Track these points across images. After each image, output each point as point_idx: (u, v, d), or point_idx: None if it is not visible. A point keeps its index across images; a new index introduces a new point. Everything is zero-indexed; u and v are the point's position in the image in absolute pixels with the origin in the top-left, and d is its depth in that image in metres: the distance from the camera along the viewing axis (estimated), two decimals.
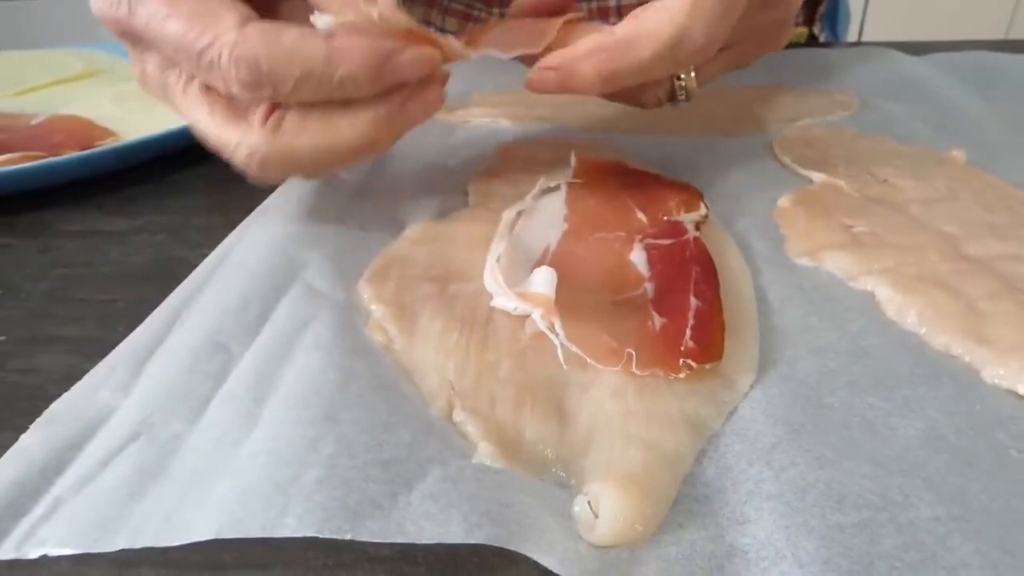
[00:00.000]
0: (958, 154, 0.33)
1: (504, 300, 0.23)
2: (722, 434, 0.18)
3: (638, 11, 0.26)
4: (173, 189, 0.37)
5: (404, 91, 0.24)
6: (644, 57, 0.25)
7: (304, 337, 0.21)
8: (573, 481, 0.17)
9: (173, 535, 0.15)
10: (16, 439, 0.19)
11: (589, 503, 0.16)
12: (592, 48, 0.25)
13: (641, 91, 0.30)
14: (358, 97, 0.23)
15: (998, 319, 0.21)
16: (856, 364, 0.20)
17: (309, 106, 0.23)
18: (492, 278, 0.24)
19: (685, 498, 0.16)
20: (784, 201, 0.30)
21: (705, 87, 0.32)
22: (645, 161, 0.36)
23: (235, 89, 0.22)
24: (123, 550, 0.15)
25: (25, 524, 0.16)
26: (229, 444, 0.17)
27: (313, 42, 0.22)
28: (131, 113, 0.46)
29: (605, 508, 0.15)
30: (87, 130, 0.42)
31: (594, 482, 0.16)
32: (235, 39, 0.22)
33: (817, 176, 0.33)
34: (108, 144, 0.40)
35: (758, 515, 0.15)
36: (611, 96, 0.30)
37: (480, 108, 0.46)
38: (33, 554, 0.15)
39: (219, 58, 0.22)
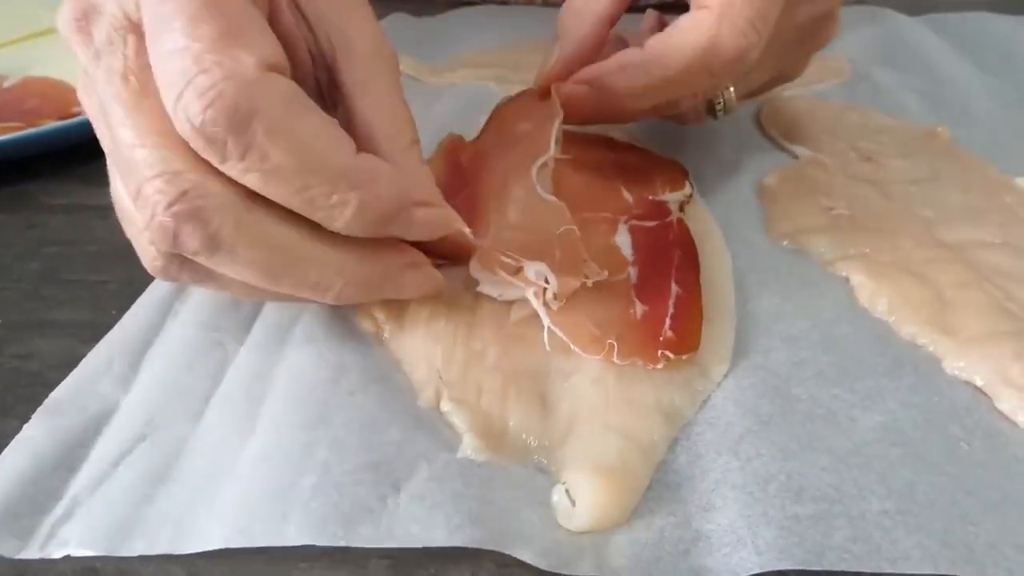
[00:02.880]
0: (943, 131, 0.34)
1: (490, 287, 0.23)
2: (695, 422, 0.19)
3: (670, 25, 0.25)
4: None
5: (401, 254, 0.21)
6: (675, 69, 0.24)
7: (295, 331, 0.22)
8: (553, 468, 0.18)
9: (187, 543, 0.16)
10: (20, 428, 0.20)
11: (567, 491, 0.17)
12: (622, 62, 0.25)
13: (679, 106, 0.28)
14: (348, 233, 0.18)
15: (964, 309, 0.22)
16: (825, 354, 0.21)
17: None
18: (479, 265, 0.24)
19: (657, 484, 0.17)
20: (768, 179, 0.31)
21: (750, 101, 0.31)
22: (632, 131, 0.36)
23: (208, 130, 0.16)
24: None
25: (47, 523, 0.17)
26: (230, 447, 0.18)
27: (340, 143, 0.17)
28: None
29: (582, 496, 0.17)
30: (62, 94, 0.41)
31: (573, 470, 0.17)
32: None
33: (802, 151, 0.33)
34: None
35: (723, 503, 0.16)
36: (650, 112, 0.28)
37: (468, 70, 0.45)
38: (57, 554, 0.16)
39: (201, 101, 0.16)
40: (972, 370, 0.20)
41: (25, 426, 0.20)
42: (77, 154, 0.36)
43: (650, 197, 0.29)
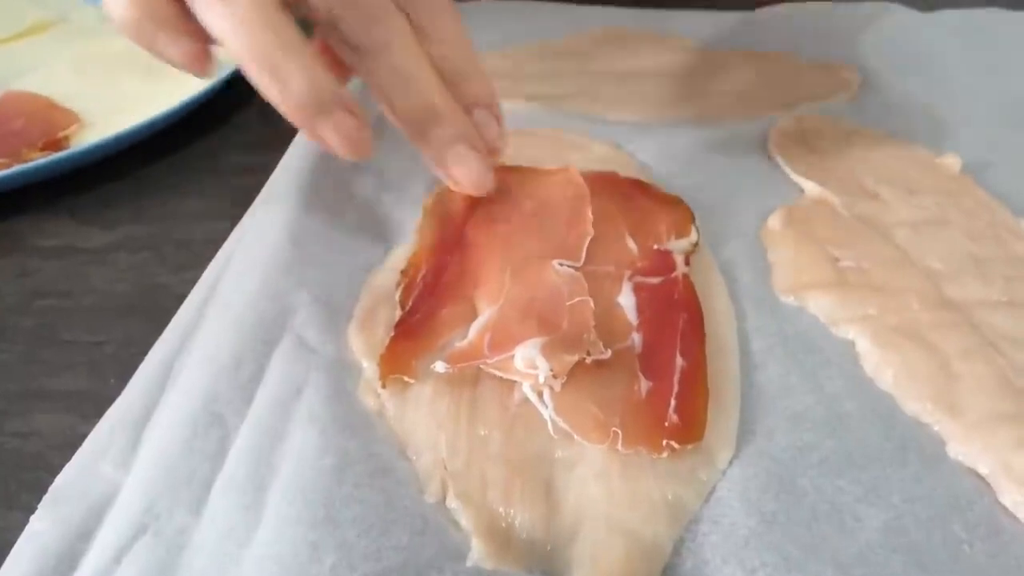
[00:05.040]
0: (953, 162, 0.33)
1: (491, 369, 0.23)
2: (700, 519, 0.19)
3: None
4: (147, 188, 0.36)
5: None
6: None
7: (298, 408, 0.22)
8: (559, 570, 0.18)
9: None
10: (26, 519, 0.20)
11: None
12: None
13: None
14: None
15: (968, 383, 0.22)
16: (830, 437, 0.21)
17: None
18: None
19: None
20: (773, 222, 0.30)
21: None
22: (638, 161, 0.35)
23: None
24: None
25: None
26: (235, 543, 0.18)
27: None
28: (92, 87, 0.43)
29: None
30: (48, 113, 0.40)
31: None
32: None
33: (809, 187, 0.32)
34: (73, 133, 0.38)
35: None
36: None
37: None
38: None
39: None
40: (975, 458, 0.20)
41: (32, 518, 0.20)
42: (67, 186, 0.35)
43: (655, 246, 0.28)
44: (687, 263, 0.27)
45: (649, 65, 0.45)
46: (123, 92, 0.42)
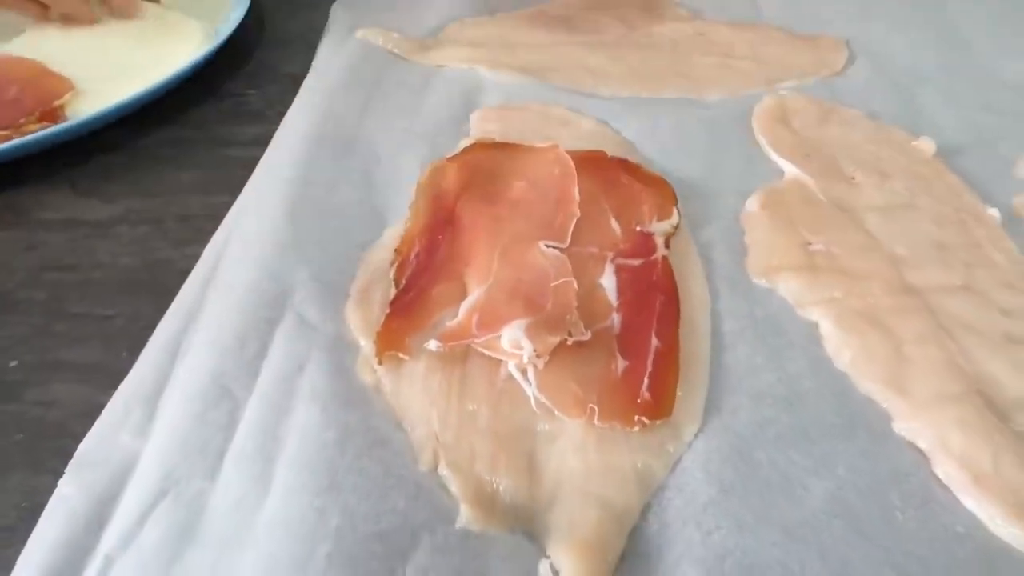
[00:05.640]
0: (927, 146, 0.34)
1: (480, 348, 0.25)
2: (666, 487, 0.22)
3: None
4: (143, 159, 0.37)
5: None
6: None
7: (301, 385, 0.24)
8: (539, 531, 0.21)
9: None
10: (53, 483, 0.22)
11: (552, 565, 0.19)
12: None
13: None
14: None
15: (919, 366, 0.24)
16: (788, 413, 0.23)
17: None
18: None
19: (629, 554, 0.20)
20: (751, 203, 0.32)
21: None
22: (625, 138, 0.36)
23: None
24: None
25: None
26: (248, 509, 0.20)
27: None
28: (81, 51, 0.43)
29: (565, 573, 0.19)
30: (41, 79, 0.40)
31: (556, 543, 0.20)
32: None
33: (788, 168, 0.34)
34: (67, 101, 0.38)
35: None
36: None
37: (457, 49, 0.44)
38: None
39: None
40: (917, 433, 0.23)
41: (60, 483, 0.22)
42: (62, 156, 0.36)
43: (637, 228, 0.30)
44: (667, 245, 0.29)
45: (638, 35, 0.45)
46: (113, 57, 0.42)
